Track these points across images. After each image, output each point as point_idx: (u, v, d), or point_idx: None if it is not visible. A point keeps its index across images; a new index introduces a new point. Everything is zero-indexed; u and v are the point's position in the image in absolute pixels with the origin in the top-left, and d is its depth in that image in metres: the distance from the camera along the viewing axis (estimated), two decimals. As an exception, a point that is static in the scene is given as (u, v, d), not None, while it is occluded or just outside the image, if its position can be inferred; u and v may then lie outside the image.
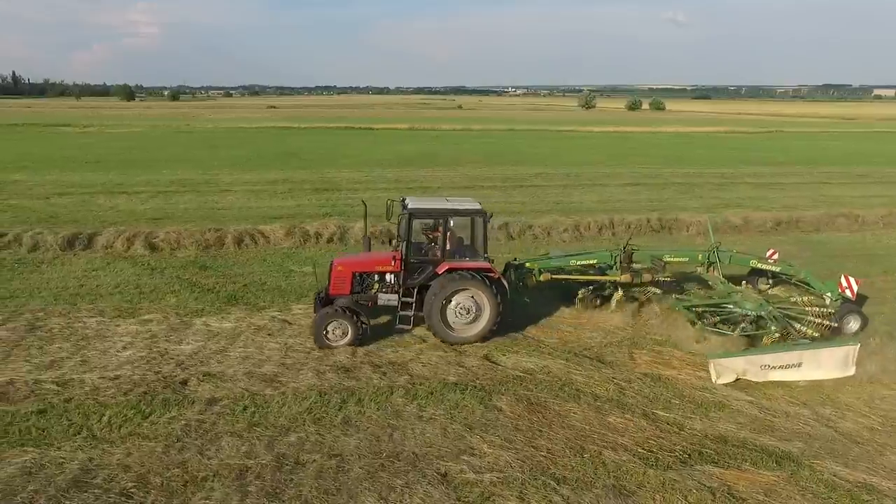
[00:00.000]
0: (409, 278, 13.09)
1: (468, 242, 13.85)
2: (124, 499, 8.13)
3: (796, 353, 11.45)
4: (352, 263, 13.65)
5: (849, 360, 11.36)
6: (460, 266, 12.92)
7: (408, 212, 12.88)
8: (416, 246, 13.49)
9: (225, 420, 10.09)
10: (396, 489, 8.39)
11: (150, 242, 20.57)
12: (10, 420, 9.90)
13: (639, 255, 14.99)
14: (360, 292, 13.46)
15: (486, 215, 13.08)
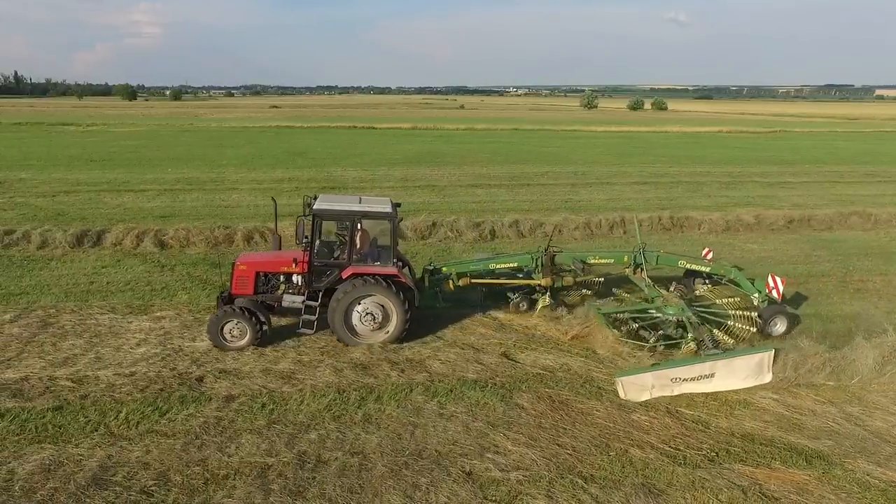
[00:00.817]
0: (314, 281, 12.66)
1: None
2: (145, 496, 7.99)
3: (708, 363, 10.96)
4: (255, 263, 13.20)
5: (764, 366, 11.03)
6: (366, 271, 12.50)
7: (312, 213, 12.41)
8: (329, 247, 13.13)
9: (243, 417, 9.95)
10: (421, 487, 8.24)
11: (159, 240, 20.45)
12: (26, 417, 9.78)
13: (561, 257, 14.72)
14: (265, 293, 13.02)
15: (395, 218, 12.69)
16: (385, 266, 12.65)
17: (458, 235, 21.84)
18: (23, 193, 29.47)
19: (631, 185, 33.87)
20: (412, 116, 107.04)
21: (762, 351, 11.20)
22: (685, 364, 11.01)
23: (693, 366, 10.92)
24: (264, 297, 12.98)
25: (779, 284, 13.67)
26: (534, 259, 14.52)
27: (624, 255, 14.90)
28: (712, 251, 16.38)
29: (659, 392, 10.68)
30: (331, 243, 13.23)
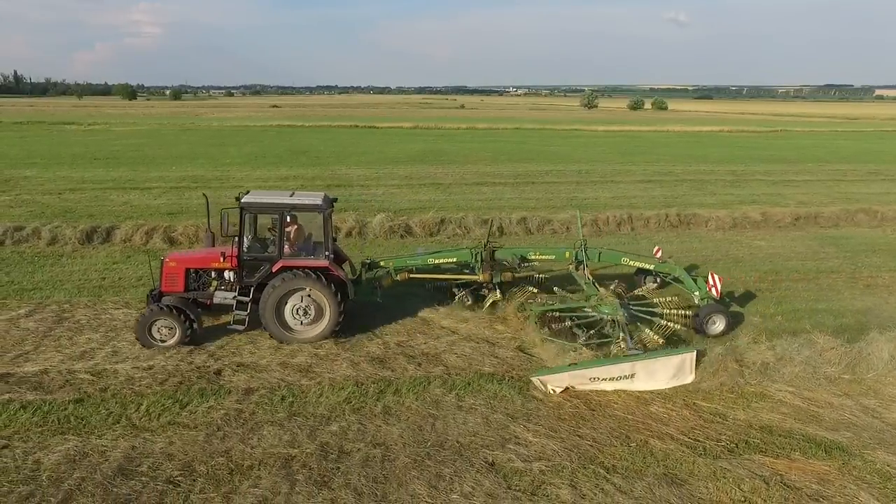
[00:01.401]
0: (245, 276, 12.39)
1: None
2: (171, 486, 8.04)
3: (628, 364, 10.79)
4: (185, 259, 12.91)
5: (686, 367, 10.86)
6: (296, 264, 12.26)
7: (239, 206, 12.13)
8: (262, 242, 12.90)
9: (264, 410, 10.01)
10: (445, 477, 8.30)
11: (168, 236, 20.57)
12: (48, 409, 9.84)
13: (501, 252, 14.58)
14: (197, 290, 12.77)
15: (326, 211, 12.38)
16: (317, 259, 12.41)
17: (467, 232, 21.91)
18: (29, 191, 29.47)
19: (635, 183, 33.92)
20: (413, 116, 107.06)
21: (684, 352, 11.07)
22: (604, 364, 10.89)
23: (612, 366, 10.80)
24: (196, 294, 12.71)
25: (717, 283, 13.51)
26: (473, 254, 14.34)
27: (566, 252, 14.74)
28: (661, 249, 16.22)
29: (580, 389, 10.64)
30: (264, 238, 12.97)
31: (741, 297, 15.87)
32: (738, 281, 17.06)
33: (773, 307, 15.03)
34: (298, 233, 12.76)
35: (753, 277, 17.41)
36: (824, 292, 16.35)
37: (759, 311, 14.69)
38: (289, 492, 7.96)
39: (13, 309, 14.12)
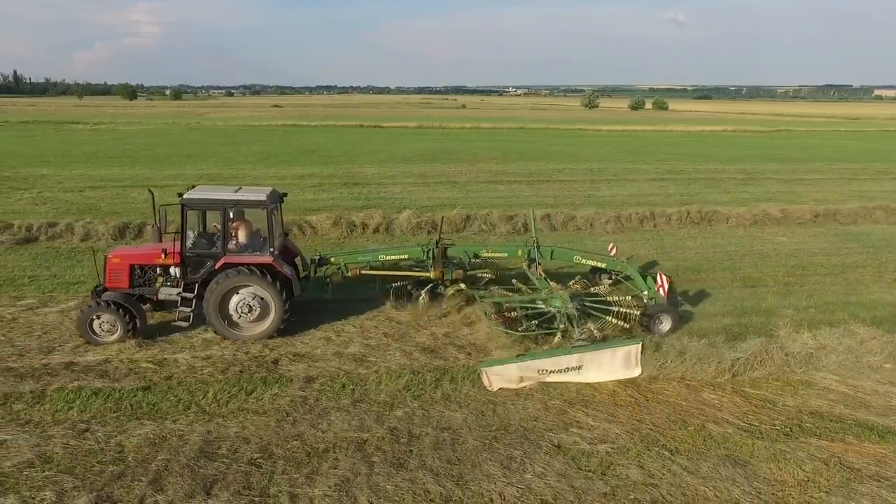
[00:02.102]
0: (190, 273, 12.32)
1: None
2: (254, 468, 8.34)
3: (575, 356, 10.84)
4: (129, 255, 12.82)
5: (632, 360, 10.92)
6: (239, 261, 12.15)
7: (181, 203, 12.00)
8: (208, 238, 12.82)
9: (327, 397, 10.31)
10: (516, 459, 8.60)
11: (199, 232, 20.73)
12: (119, 396, 10.12)
13: (453, 250, 14.62)
14: (143, 286, 12.70)
15: (269, 207, 12.22)
16: (261, 256, 12.30)
17: (492, 228, 22.22)
18: (49, 189, 29.69)
19: (648, 181, 34.25)
20: (416, 115, 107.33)
21: (630, 344, 11.10)
22: (551, 356, 10.95)
23: (559, 358, 10.85)
24: (142, 290, 12.66)
25: (664, 283, 13.55)
26: (425, 251, 14.29)
27: (518, 249, 14.72)
28: (616, 247, 16.24)
29: (526, 384, 10.70)
30: (211, 235, 12.84)
31: (772, 291, 16.21)
32: (767, 276, 17.40)
33: (805, 300, 15.37)
34: (245, 229, 12.65)
35: (781, 272, 17.74)
36: (853, 286, 16.68)
37: (792, 304, 15.01)
38: (368, 473, 8.25)
39: (62, 301, 14.39)
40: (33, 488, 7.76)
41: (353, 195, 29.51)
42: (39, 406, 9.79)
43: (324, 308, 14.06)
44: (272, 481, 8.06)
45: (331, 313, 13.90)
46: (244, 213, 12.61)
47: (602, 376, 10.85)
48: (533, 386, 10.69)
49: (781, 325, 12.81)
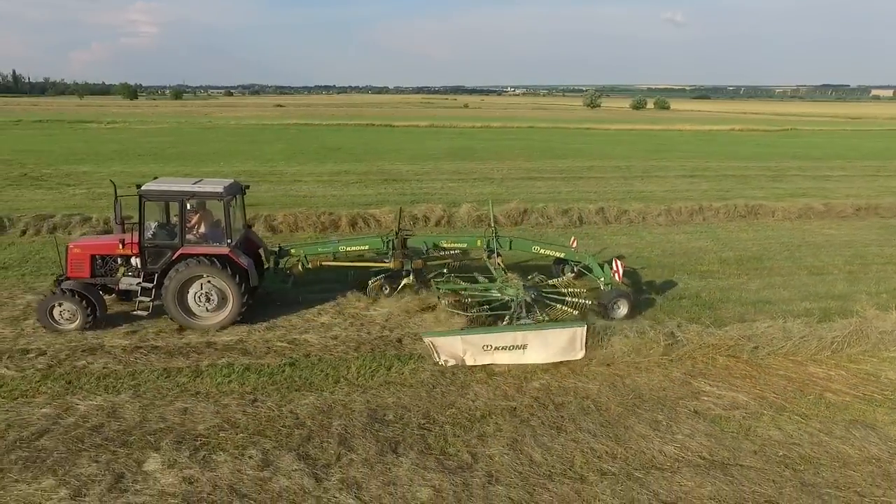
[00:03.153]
0: (149, 263, 12.52)
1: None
2: (426, 431, 9.10)
3: (520, 334, 10.95)
4: (89, 246, 13.04)
5: (576, 341, 11.07)
6: (196, 251, 12.35)
7: (138, 194, 12.21)
8: (169, 230, 12.94)
9: (463, 372, 11.02)
10: (661, 423, 9.39)
11: (270, 224, 21.49)
12: (270, 371, 10.87)
13: (413, 240, 14.75)
14: (104, 275, 12.92)
15: (226, 199, 12.31)
16: (218, 247, 12.47)
17: (549, 221, 22.97)
18: (96, 185, 30.22)
19: (679, 178, 35.11)
20: (424, 115, 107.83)
21: (575, 326, 11.23)
22: (496, 332, 11.13)
23: (504, 334, 11.00)
24: (103, 279, 12.90)
25: (620, 269, 13.91)
26: (385, 242, 14.46)
27: (477, 240, 14.92)
28: (576, 240, 16.52)
29: (469, 357, 10.98)
30: (173, 226, 12.92)
31: (839, 278, 17.02)
32: (828, 265, 18.23)
33: (874, 286, 16.20)
34: (205, 220, 12.93)
35: (840, 261, 18.56)
36: (913, 274, 17.51)
37: (863, 290, 15.79)
38: (532, 434, 9.02)
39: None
40: (238, 447, 8.49)
41: (397, 191, 30.21)
42: (199, 380, 10.51)
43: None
44: (448, 442, 8.81)
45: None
46: (206, 204, 12.91)
47: (546, 356, 11.03)
48: (479, 366, 11.05)
49: (867, 307, 13.55)
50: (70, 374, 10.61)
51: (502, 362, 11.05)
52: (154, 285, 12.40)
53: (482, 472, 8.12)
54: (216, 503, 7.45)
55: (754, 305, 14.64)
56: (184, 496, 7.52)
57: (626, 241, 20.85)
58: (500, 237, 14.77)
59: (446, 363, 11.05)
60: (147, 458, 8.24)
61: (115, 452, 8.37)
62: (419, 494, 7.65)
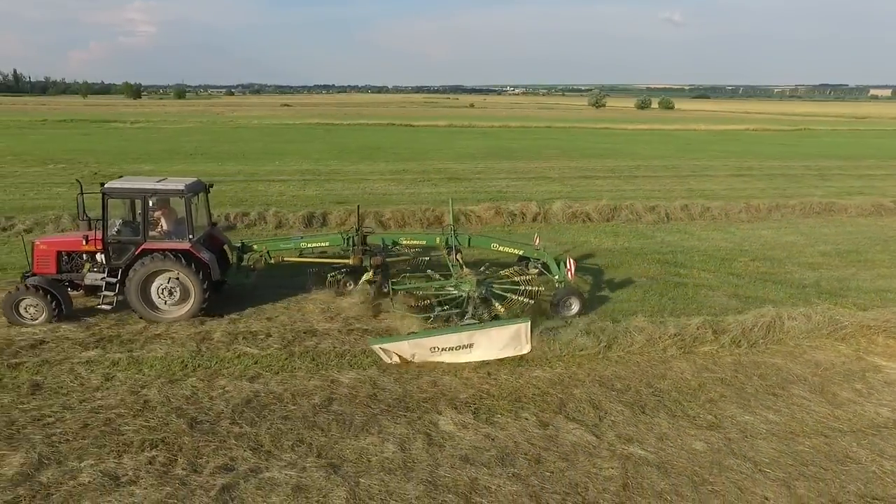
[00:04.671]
0: (113, 259, 12.92)
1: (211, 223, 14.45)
2: (657, 397, 10.33)
3: (466, 334, 11.21)
4: (55, 243, 13.37)
5: (521, 337, 11.37)
6: (158, 247, 12.73)
7: (101, 192, 12.49)
8: (132, 227, 13.28)
9: (662, 349, 12.13)
10: (862, 390, 10.69)
11: (379, 221, 22.65)
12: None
13: (373, 237, 15.12)
14: (70, 271, 13.27)
15: (187, 196, 12.71)
16: (180, 242, 12.88)
17: (638, 218, 24.24)
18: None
19: (730, 177, 36.48)
20: (436, 115, 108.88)
21: (519, 322, 11.44)
22: (442, 334, 11.34)
23: (450, 335, 11.24)
24: (70, 275, 13.20)
25: (572, 267, 14.10)
26: (345, 239, 14.81)
27: (436, 237, 15.22)
28: (539, 238, 16.70)
29: (419, 360, 11.20)
30: (135, 223, 13.29)
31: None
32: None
33: None
34: (169, 217, 13.33)
35: (933, 254, 19.91)
36: None
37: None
38: (755, 398, 10.31)
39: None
40: (508, 411, 9.72)
41: (467, 189, 31.36)
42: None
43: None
44: (684, 406, 10.08)
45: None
46: (169, 202, 13.36)
47: (493, 353, 11.32)
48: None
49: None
50: (309, 352, 11.74)
51: (450, 362, 11.24)
52: (118, 280, 12.76)
53: (734, 429, 9.36)
54: (528, 454, 8.64)
55: (876, 294, 15.89)
56: (498, 450, 8.72)
57: (720, 236, 22.14)
58: (458, 234, 15.08)
59: (391, 360, 11.29)
60: (438, 420, 9.44)
61: (405, 416, 9.56)
62: (695, 446, 8.88)
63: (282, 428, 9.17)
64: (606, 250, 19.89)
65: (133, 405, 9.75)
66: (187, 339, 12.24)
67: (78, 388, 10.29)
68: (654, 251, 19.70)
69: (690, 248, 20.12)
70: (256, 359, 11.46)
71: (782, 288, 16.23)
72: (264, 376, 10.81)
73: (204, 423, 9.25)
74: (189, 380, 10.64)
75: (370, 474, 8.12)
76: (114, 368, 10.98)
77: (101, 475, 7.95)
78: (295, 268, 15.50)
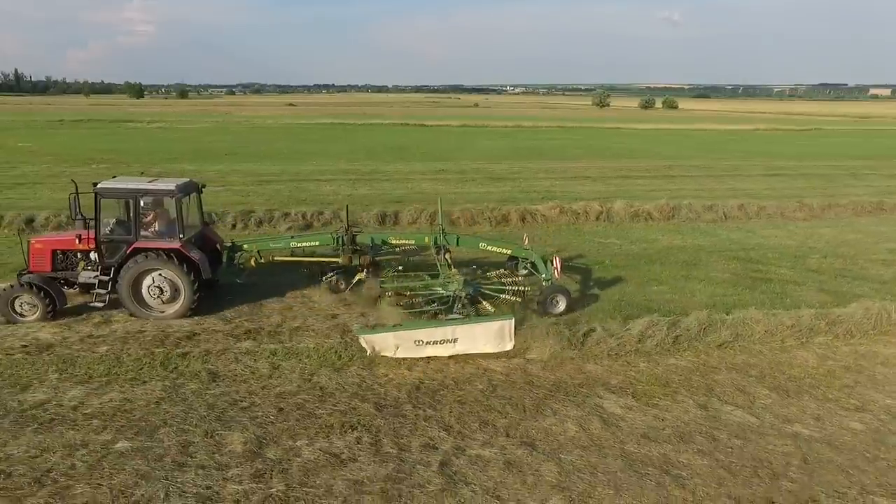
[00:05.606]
0: (106, 257, 13.16)
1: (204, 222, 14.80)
2: (793, 382, 11.05)
3: (450, 328, 11.41)
4: (50, 241, 13.66)
5: (505, 334, 11.45)
6: (149, 246, 12.95)
7: (94, 192, 12.75)
8: (125, 226, 13.44)
9: (780, 339, 12.85)
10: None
11: (449, 219, 23.28)
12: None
13: (362, 237, 15.28)
14: (65, 269, 13.51)
15: (178, 196, 12.97)
16: (170, 241, 13.10)
17: (697, 216, 24.96)
18: (220, 183, 31.51)
19: (767, 176, 37.33)
20: (445, 115, 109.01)
21: (503, 318, 11.60)
22: (427, 327, 11.58)
23: (435, 329, 11.45)
24: (65, 273, 13.46)
25: (558, 266, 14.40)
26: (335, 238, 14.97)
27: (425, 237, 15.50)
28: (527, 238, 16.77)
29: (404, 353, 11.38)
30: (128, 222, 13.44)
31: None
32: None
33: None
34: (161, 217, 13.58)
35: None
36: None
37: None
38: (886, 383, 11.02)
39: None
40: (661, 396, 10.44)
41: (515, 188, 31.98)
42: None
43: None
44: (825, 390, 10.84)
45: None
46: (162, 202, 13.57)
47: (476, 348, 11.46)
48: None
49: None
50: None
51: (434, 355, 11.47)
52: (111, 278, 13.05)
53: (881, 412, 10.11)
54: (702, 432, 9.38)
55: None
56: (673, 429, 9.44)
57: (782, 233, 22.89)
58: (447, 234, 15.28)
59: (375, 353, 11.47)
60: (602, 403, 10.18)
61: (570, 399, 10.31)
62: (853, 426, 9.63)
63: (462, 411, 9.85)
64: (678, 248, 20.60)
65: (312, 391, 10.41)
66: (329, 331, 12.93)
67: (251, 375, 10.96)
68: (725, 249, 20.44)
69: (759, 246, 20.86)
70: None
71: (864, 283, 16.95)
72: (419, 365, 11.46)
73: (388, 407, 9.92)
74: (351, 368, 11.33)
75: (567, 451, 8.83)
76: (274, 358, 11.64)
77: (322, 453, 8.62)
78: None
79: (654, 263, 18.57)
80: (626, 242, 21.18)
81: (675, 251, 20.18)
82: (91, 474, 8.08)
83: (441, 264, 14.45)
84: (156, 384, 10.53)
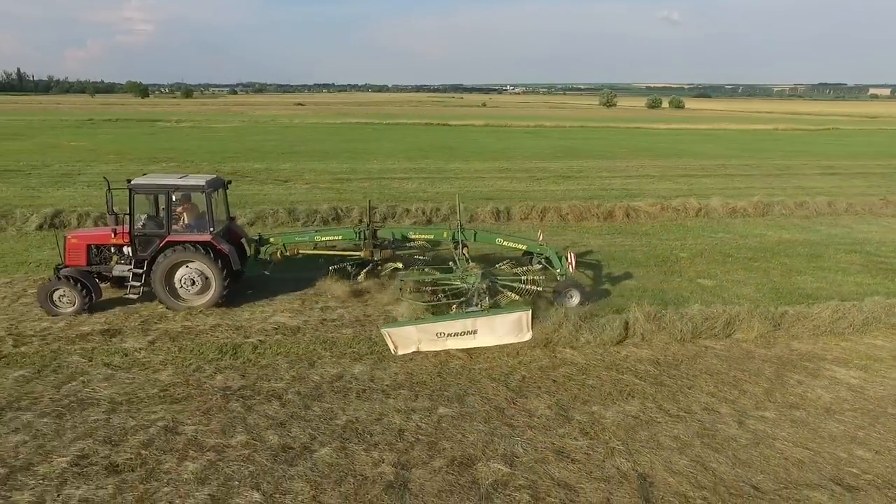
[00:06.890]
0: (140, 251, 13.58)
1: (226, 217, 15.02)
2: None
3: (470, 320, 11.65)
4: (85, 237, 14.11)
5: (522, 325, 11.73)
6: (181, 239, 13.38)
7: (128, 188, 13.21)
8: (157, 220, 13.93)
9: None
10: None
11: (560, 215, 24.47)
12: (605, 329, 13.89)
13: (383, 232, 15.59)
14: (100, 263, 13.98)
15: (207, 191, 13.42)
16: (201, 234, 13.54)
17: (791, 213, 26.07)
18: (304, 182, 32.35)
19: (820, 175, 38.59)
20: (458, 114, 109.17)
21: (520, 310, 11.86)
22: (448, 320, 11.80)
23: (455, 322, 11.67)
24: (99, 267, 13.93)
25: (573, 261, 14.74)
26: (357, 233, 15.38)
27: (444, 232, 15.90)
28: (543, 235, 16.64)
29: (427, 346, 11.59)
30: (160, 216, 13.94)
31: None
32: None
33: None
34: (191, 211, 14.05)
35: None
36: None
37: None
38: None
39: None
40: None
41: (593, 186, 32.92)
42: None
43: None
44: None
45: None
46: (191, 197, 13.99)
47: (496, 340, 11.78)
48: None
49: None
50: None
51: (455, 348, 11.71)
52: (144, 271, 13.50)
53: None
54: None
55: None
56: None
57: (879, 229, 23.89)
58: (465, 230, 15.63)
59: (396, 350, 11.68)
60: (835, 374, 11.38)
61: (800, 372, 11.48)
62: None
63: (713, 381, 11.04)
64: (791, 242, 21.69)
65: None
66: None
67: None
68: (835, 243, 21.58)
69: (866, 240, 22.01)
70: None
71: None
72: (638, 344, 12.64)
73: (648, 379, 11.05)
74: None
75: (838, 413, 10.01)
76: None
77: (624, 415, 9.78)
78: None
79: (781, 256, 19.72)
80: (736, 237, 22.32)
81: (790, 245, 21.26)
82: (437, 434, 9.17)
83: (459, 258, 14.84)
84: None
